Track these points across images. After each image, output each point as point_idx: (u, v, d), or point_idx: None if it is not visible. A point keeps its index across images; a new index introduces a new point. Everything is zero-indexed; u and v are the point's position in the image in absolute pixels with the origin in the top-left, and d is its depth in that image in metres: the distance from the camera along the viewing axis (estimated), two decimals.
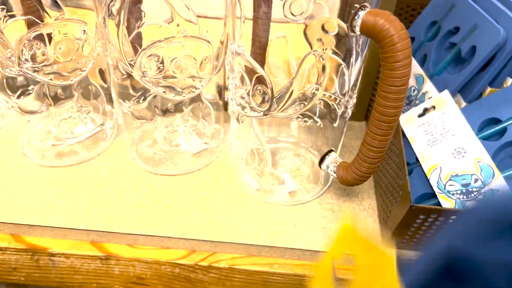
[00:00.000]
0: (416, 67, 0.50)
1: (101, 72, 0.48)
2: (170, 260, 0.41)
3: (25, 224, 0.42)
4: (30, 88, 0.46)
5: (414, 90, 0.50)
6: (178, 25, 0.40)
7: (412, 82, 0.50)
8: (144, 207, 0.44)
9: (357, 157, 0.37)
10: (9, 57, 0.37)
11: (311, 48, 0.37)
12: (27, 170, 0.46)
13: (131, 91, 0.46)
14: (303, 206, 0.45)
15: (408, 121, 0.46)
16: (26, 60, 0.37)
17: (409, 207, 0.35)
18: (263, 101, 0.35)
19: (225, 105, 0.49)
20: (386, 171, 0.43)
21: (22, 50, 0.36)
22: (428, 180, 0.43)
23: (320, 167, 0.42)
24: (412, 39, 0.55)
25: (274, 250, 0.41)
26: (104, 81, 0.48)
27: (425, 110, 0.46)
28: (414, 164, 0.45)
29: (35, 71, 0.38)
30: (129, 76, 0.44)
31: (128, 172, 0.47)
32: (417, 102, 0.49)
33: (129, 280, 0.43)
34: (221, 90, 0.47)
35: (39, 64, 0.38)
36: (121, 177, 0.46)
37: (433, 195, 0.42)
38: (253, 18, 0.38)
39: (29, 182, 0.45)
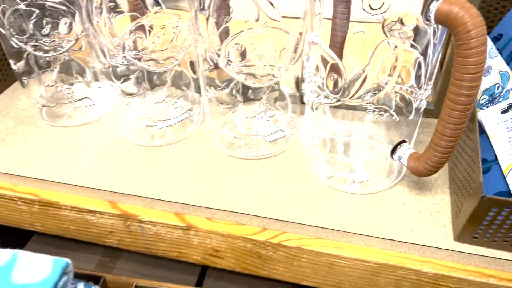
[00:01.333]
0: (501, 64, 0.49)
1: (192, 64, 0.52)
2: (244, 235, 0.44)
3: (120, 192, 0.48)
4: (131, 76, 0.53)
5: (498, 87, 0.48)
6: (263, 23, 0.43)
7: (496, 79, 0.49)
8: (223, 185, 0.47)
9: (428, 147, 0.38)
10: (116, 45, 0.42)
11: None
12: (125, 148, 0.53)
13: (216, 81, 0.50)
14: (374, 196, 0.46)
15: (490, 116, 0.45)
16: (129, 48, 0.43)
17: (480, 197, 0.35)
18: (336, 88, 0.37)
19: (302, 97, 0.51)
20: (462, 166, 0.43)
21: (127, 39, 0.42)
22: (505, 179, 0.41)
23: (392, 157, 0.43)
24: (500, 36, 0.53)
25: (342, 235, 0.43)
26: (194, 72, 0.53)
27: (510, 107, 0.44)
28: (493, 161, 0.43)
29: (136, 58, 0.43)
30: (216, 67, 0.48)
31: (210, 154, 0.51)
32: (500, 99, 0.47)
33: (206, 251, 0.47)
34: (299, 82, 0.49)
35: (139, 51, 0.43)
36: (204, 158, 0.51)
37: (509, 195, 0.41)
38: (332, 15, 0.40)
39: (126, 158, 0.51)
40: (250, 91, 0.45)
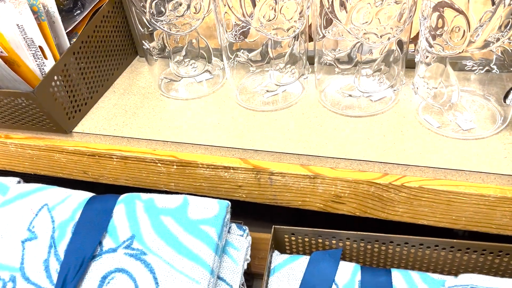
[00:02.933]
0: None
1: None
2: (368, 179, 0.50)
3: (250, 149, 0.54)
4: (241, 51, 0.59)
5: None
6: None
7: None
8: (340, 139, 0.53)
9: None
10: (249, 15, 0.49)
11: (493, 3, 0.43)
12: (244, 113, 0.59)
13: (323, 50, 0.56)
14: (483, 141, 0.50)
15: None
16: (263, 18, 0.49)
17: None
18: (461, 38, 0.42)
19: (402, 60, 0.56)
20: None
21: (260, 11, 0.48)
22: None
23: (505, 102, 0.47)
24: None
25: (460, 174, 0.48)
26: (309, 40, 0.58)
27: None
28: None
29: (263, 27, 0.50)
30: (323, 36, 0.54)
31: (325, 114, 0.57)
32: None
33: (329, 198, 0.53)
34: (403, 45, 0.54)
35: (268, 21, 0.49)
36: (316, 119, 0.56)
37: None
38: None
39: (248, 121, 0.58)
40: (369, 51, 0.51)
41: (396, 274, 0.48)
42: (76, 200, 0.48)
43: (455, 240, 0.49)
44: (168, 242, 0.42)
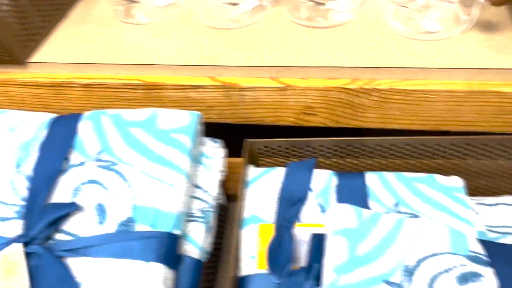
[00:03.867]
0: None
1: None
2: (338, 85, 0.49)
3: (218, 65, 0.53)
4: None
5: None
6: None
7: None
8: (309, 50, 0.52)
9: None
10: None
11: None
12: (209, 30, 0.57)
13: None
14: (450, 41, 0.51)
15: None
16: None
17: None
18: None
19: None
20: None
21: None
22: None
23: None
24: None
25: (429, 72, 0.48)
26: None
27: None
28: None
29: None
30: None
31: (287, 28, 0.56)
32: None
33: (301, 110, 0.53)
34: None
35: None
36: (284, 33, 0.55)
37: None
38: None
39: (215, 38, 0.56)
40: None
41: (371, 176, 0.49)
42: (38, 120, 0.46)
43: (424, 137, 0.50)
44: (140, 152, 0.41)
